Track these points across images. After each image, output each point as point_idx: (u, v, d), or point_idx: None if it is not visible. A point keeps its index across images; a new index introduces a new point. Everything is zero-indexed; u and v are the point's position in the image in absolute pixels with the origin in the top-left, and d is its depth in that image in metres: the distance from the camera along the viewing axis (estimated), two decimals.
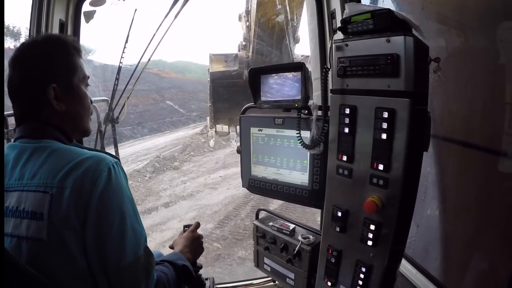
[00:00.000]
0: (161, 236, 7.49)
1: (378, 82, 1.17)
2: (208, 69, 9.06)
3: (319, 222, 2.59)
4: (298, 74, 1.51)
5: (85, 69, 1.22)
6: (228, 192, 10.62)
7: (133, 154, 15.72)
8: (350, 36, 1.28)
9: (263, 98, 1.65)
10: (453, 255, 1.86)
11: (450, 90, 1.60)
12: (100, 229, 0.97)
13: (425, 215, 1.93)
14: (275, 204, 8.26)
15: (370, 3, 2.51)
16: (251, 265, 6.46)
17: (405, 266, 1.85)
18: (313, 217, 7.30)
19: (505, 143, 1.55)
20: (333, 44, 1.31)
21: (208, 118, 9.78)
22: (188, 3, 2.44)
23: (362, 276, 1.28)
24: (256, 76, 1.65)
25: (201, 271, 1.98)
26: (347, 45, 1.26)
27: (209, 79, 9.13)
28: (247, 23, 8.85)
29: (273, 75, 1.59)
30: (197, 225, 1.66)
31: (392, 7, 2.18)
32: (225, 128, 9.15)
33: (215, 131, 9.32)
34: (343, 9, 2.28)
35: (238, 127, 6.85)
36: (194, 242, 1.55)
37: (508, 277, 1.40)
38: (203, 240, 1.62)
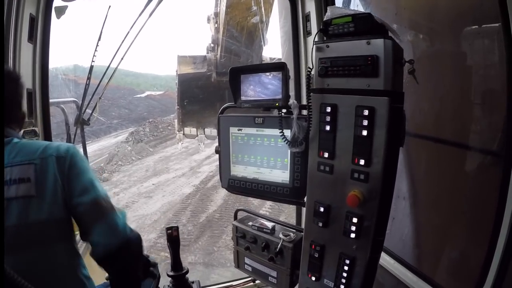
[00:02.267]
0: None
1: (358, 81, 1.23)
2: (176, 71, 8.92)
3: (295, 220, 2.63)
4: (278, 74, 1.53)
5: None
6: (164, 199, 10.51)
7: None
8: (325, 38, 1.33)
9: (243, 98, 1.66)
10: (427, 243, 1.96)
11: (421, 90, 1.69)
12: (78, 181, 1.27)
13: (400, 208, 2.02)
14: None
15: (342, 5, 2.57)
16: (202, 269, 6.40)
17: (383, 258, 1.93)
18: None
19: (472, 138, 1.66)
20: (314, 45, 1.34)
21: (175, 121, 9.62)
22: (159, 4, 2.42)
23: (346, 268, 1.33)
24: (236, 75, 1.65)
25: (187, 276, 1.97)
26: (328, 46, 1.31)
27: (176, 82, 8.99)
28: (216, 25, 8.78)
29: (254, 74, 1.60)
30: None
31: (365, 11, 2.28)
32: (193, 130, 9.02)
33: (183, 134, 9.17)
34: (318, 12, 2.35)
35: (206, 129, 6.82)
36: None
37: (478, 262, 1.49)
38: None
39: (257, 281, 2.19)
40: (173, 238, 2.00)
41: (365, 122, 1.20)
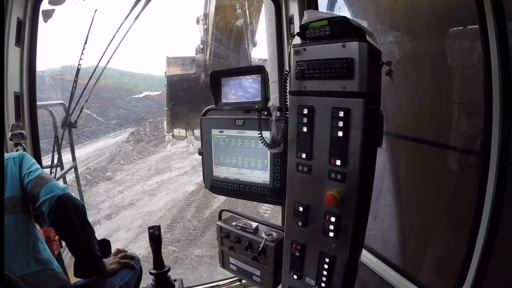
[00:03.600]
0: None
1: (334, 83, 1.25)
2: (165, 73, 8.89)
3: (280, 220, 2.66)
4: (258, 77, 1.56)
5: None
6: (168, 197, 10.64)
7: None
8: (307, 42, 1.35)
9: (224, 100, 1.68)
10: (409, 242, 2.00)
11: (401, 91, 1.73)
12: (26, 169, 1.60)
13: (381, 207, 2.06)
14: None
15: (327, 9, 2.60)
16: (209, 261, 6.55)
17: (366, 256, 1.97)
18: None
19: (451, 138, 1.71)
20: (292, 49, 1.36)
21: (165, 122, 9.60)
22: (148, 6, 2.42)
23: (326, 266, 1.35)
24: (217, 78, 1.68)
25: (169, 274, 1.98)
26: (305, 49, 1.33)
27: (165, 83, 8.97)
28: (205, 26, 8.77)
29: (234, 77, 1.63)
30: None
31: (348, 14, 2.32)
32: (182, 132, 8.99)
33: (172, 135, 9.14)
34: (301, 14, 2.39)
35: (195, 130, 6.80)
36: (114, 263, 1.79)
37: (459, 259, 1.53)
38: None
39: (243, 281, 2.21)
40: (154, 237, 2.05)
41: (341, 123, 1.23)
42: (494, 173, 1.40)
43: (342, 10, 2.51)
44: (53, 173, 2.54)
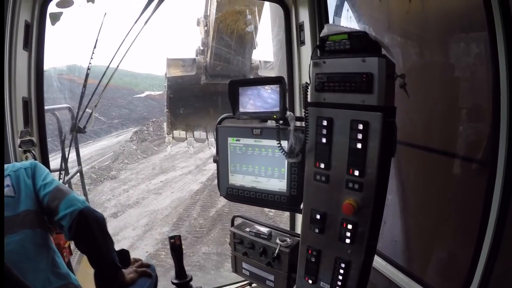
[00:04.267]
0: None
1: (353, 97, 1.30)
2: (165, 74, 8.88)
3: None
4: (276, 87, 1.61)
5: None
6: (173, 196, 10.76)
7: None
8: (324, 54, 1.39)
9: (241, 110, 1.72)
10: (417, 246, 2.06)
11: (411, 100, 1.77)
12: (41, 180, 1.57)
13: (390, 212, 2.11)
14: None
15: (334, 16, 2.63)
16: (216, 258, 6.65)
17: (376, 260, 2.01)
18: None
19: (459, 147, 1.76)
20: (311, 61, 1.41)
21: (165, 124, 9.59)
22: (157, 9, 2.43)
23: (341, 271, 1.40)
24: (235, 88, 1.72)
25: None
26: (324, 62, 1.37)
27: (165, 84, 8.95)
28: (206, 28, 8.77)
29: (252, 87, 1.68)
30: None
31: (354, 23, 2.36)
32: (182, 134, 8.97)
33: (172, 137, 9.13)
34: (312, 21, 2.41)
35: (195, 132, 6.84)
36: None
37: (465, 262, 1.58)
38: None
39: (254, 285, 2.24)
40: (176, 246, 2.05)
41: (360, 136, 1.28)
42: (501, 181, 1.45)
43: (353, 20, 2.54)
44: (61, 179, 2.54)
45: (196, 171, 13.24)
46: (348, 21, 2.50)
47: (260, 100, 1.66)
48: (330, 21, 2.53)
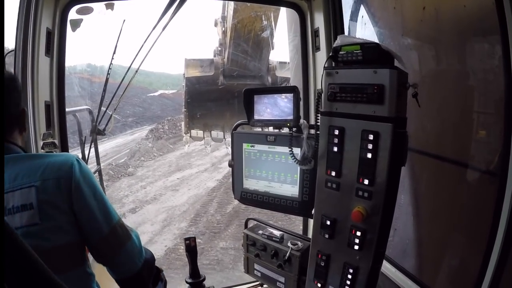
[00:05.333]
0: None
1: (364, 107, 1.34)
2: (184, 74, 9.02)
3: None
4: (290, 96, 1.66)
5: None
6: (190, 192, 11.04)
7: None
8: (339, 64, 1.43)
9: (256, 117, 1.79)
10: (427, 254, 2.08)
11: (424, 109, 1.79)
12: (83, 207, 1.21)
13: (401, 219, 2.14)
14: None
15: (350, 20, 2.64)
16: (234, 253, 6.84)
17: (385, 266, 2.05)
18: None
19: (471, 157, 1.78)
20: (324, 71, 1.45)
21: (182, 123, 9.75)
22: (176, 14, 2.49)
23: (349, 276, 1.44)
24: (250, 96, 1.78)
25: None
26: (337, 72, 1.42)
27: (183, 84, 9.10)
28: (223, 28, 8.87)
29: (267, 95, 1.74)
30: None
31: (372, 31, 2.38)
32: (200, 133, 9.12)
33: (190, 136, 9.28)
34: (327, 27, 2.44)
35: (212, 132, 6.98)
36: None
37: (475, 270, 1.60)
38: None
39: (265, 286, 2.30)
40: (191, 248, 2.11)
41: (370, 146, 1.31)
42: (511, 192, 1.46)
43: (368, 26, 2.56)
44: None
45: (212, 169, 13.51)
46: (363, 28, 2.52)
47: (274, 108, 1.71)
48: (345, 26, 2.54)
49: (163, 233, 8.16)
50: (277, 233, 1.99)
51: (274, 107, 1.71)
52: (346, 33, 2.54)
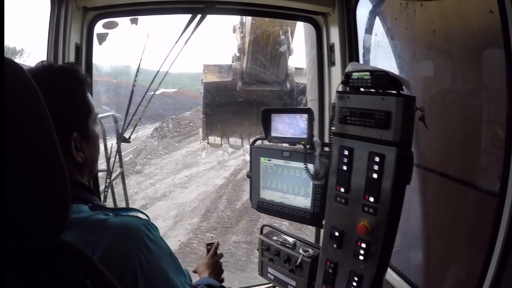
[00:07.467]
0: None
1: (372, 131, 1.46)
2: (202, 80, 9.15)
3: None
4: (305, 116, 1.82)
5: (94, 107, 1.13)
6: (199, 189, 11.31)
7: None
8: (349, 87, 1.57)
9: (273, 134, 1.95)
10: (431, 265, 2.19)
11: (430, 127, 1.89)
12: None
13: (408, 231, 2.26)
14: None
15: (365, 33, 2.68)
16: (246, 246, 7.03)
17: (390, 275, 2.17)
18: None
19: (473, 176, 1.88)
20: (337, 94, 1.59)
21: (200, 129, 9.84)
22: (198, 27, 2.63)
23: (354, 284, 1.57)
24: (268, 114, 1.95)
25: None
26: (348, 97, 1.55)
27: (201, 90, 9.23)
28: (242, 34, 8.97)
29: (284, 115, 1.90)
30: (217, 245, 1.94)
31: (387, 47, 2.47)
32: (217, 140, 9.18)
33: (208, 143, 9.37)
34: (342, 43, 2.54)
35: (230, 139, 7.05)
36: (215, 266, 1.80)
37: (475, 282, 1.70)
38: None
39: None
40: None
41: (376, 167, 1.44)
42: (508, 212, 1.53)
43: (381, 44, 2.65)
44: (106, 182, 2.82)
45: (219, 167, 13.76)
46: (376, 46, 2.62)
47: (290, 126, 1.87)
48: (360, 39, 2.62)
49: (175, 228, 8.41)
50: (290, 239, 2.13)
51: (290, 126, 1.87)
52: (360, 49, 2.64)
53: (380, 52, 2.60)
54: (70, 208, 0.71)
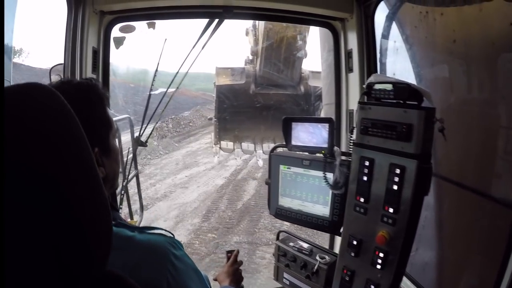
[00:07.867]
0: None
1: (393, 143, 1.48)
2: (214, 83, 9.16)
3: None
4: (326, 125, 1.84)
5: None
6: (200, 190, 11.25)
7: None
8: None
9: (293, 143, 1.97)
10: (445, 273, 2.20)
11: (449, 137, 1.90)
12: None
13: (423, 240, 2.27)
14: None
15: (381, 38, 2.70)
16: (248, 247, 7.08)
17: (405, 282, 2.18)
18: None
19: (489, 187, 1.89)
20: (359, 105, 1.61)
21: (212, 134, 9.77)
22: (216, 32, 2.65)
23: None
24: (288, 123, 1.97)
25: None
26: (370, 108, 1.57)
27: (214, 94, 9.22)
28: (254, 37, 8.97)
29: (304, 123, 1.92)
30: (237, 253, 1.97)
31: (403, 57, 2.49)
32: (230, 144, 9.20)
33: (220, 148, 9.34)
34: (360, 49, 2.54)
35: (243, 144, 7.04)
36: (235, 274, 1.84)
37: None
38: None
39: None
40: None
41: (396, 179, 1.45)
42: None
43: (400, 52, 2.66)
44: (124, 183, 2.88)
45: (219, 167, 13.72)
46: (395, 53, 2.62)
47: (310, 135, 1.89)
48: (378, 45, 2.63)
49: (177, 229, 8.42)
50: (306, 246, 2.16)
51: (311, 135, 1.89)
52: (378, 55, 2.64)
53: (399, 59, 2.60)
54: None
